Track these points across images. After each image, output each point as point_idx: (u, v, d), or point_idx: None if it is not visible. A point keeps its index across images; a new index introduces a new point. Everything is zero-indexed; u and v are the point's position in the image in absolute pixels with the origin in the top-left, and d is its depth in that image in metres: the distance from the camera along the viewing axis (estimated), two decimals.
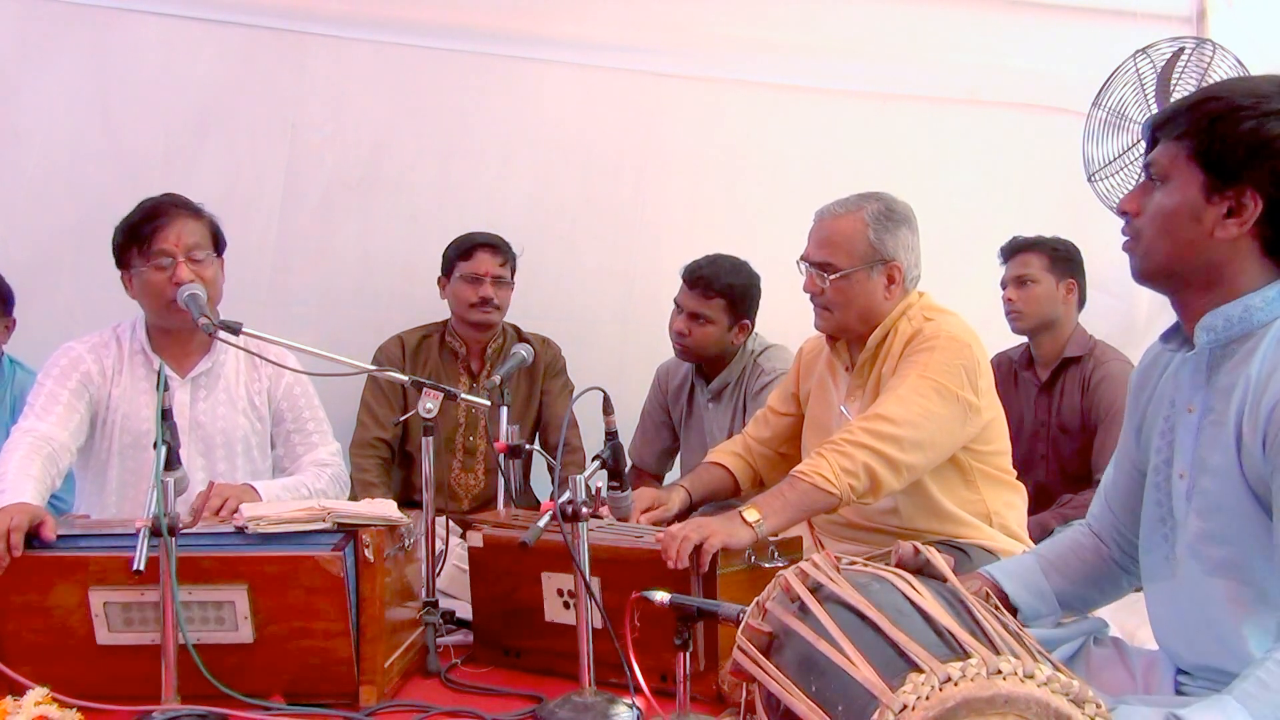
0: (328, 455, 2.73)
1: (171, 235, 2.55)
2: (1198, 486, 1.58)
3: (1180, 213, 1.56)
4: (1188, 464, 1.60)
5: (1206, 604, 1.58)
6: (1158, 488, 1.67)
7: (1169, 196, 1.57)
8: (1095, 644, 1.82)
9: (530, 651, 2.22)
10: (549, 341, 3.69)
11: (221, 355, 2.68)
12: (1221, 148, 1.52)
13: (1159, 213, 1.58)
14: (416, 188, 3.89)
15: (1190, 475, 1.60)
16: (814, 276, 2.56)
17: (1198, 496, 1.58)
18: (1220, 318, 1.55)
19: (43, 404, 2.51)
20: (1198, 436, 1.59)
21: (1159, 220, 1.58)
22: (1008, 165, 4.17)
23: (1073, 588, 1.84)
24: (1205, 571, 1.57)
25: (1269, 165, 1.49)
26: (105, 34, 3.62)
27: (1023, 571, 1.85)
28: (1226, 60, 3.55)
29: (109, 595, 1.97)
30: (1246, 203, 1.51)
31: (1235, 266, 1.54)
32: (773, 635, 1.51)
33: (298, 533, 2.02)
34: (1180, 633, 1.65)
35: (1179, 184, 1.56)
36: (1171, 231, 1.57)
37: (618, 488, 2.20)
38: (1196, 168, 1.54)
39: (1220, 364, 1.58)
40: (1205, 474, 1.57)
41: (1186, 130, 1.55)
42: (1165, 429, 1.66)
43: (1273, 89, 1.52)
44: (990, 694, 1.24)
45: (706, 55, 4.01)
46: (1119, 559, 1.84)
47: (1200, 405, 1.60)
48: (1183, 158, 1.56)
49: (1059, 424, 3.53)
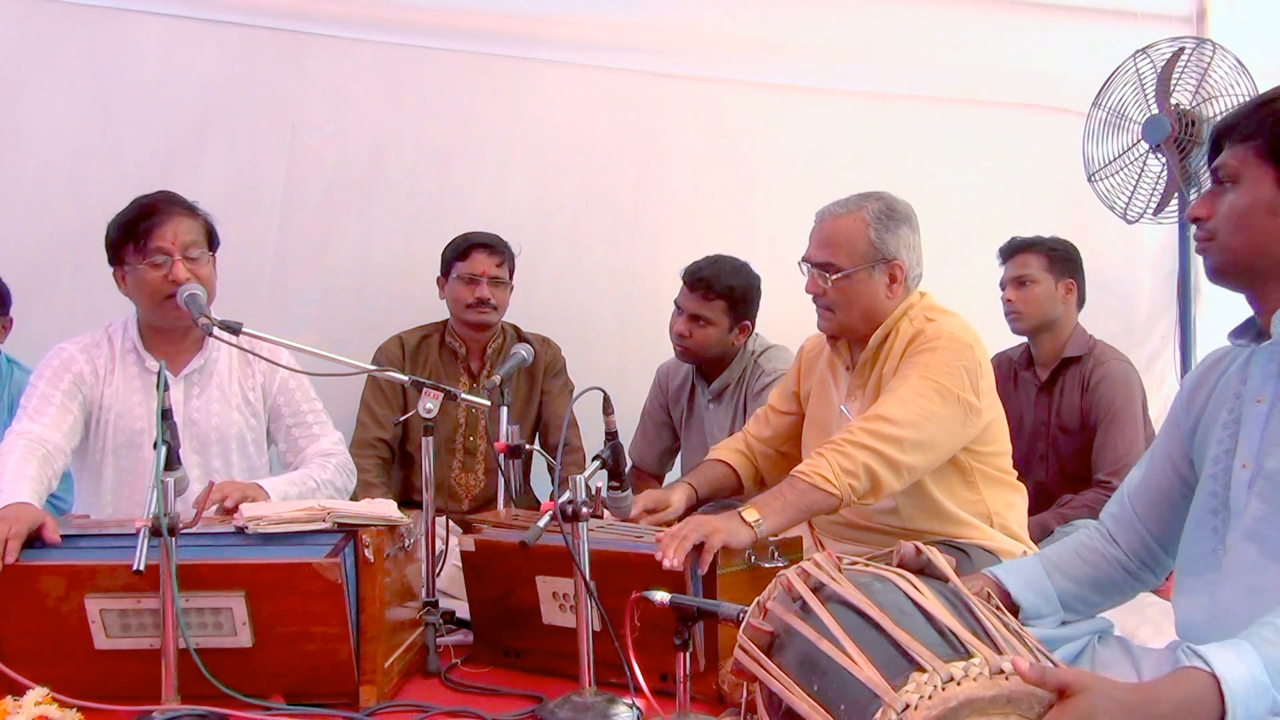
0: (330, 444, 2.73)
1: (168, 233, 2.54)
2: (1263, 471, 1.59)
3: (1256, 208, 1.59)
4: (1253, 453, 1.62)
5: (1257, 589, 1.57)
6: (1214, 479, 1.68)
7: (1243, 195, 1.60)
8: (1100, 643, 1.82)
9: (530, 652, 2.22)
10: (549, 341, 3.69)
11: (214, 352, 2.68)
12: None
13: (1234, 211, 1.61)
14: (416, 188, 3.90)
15: (1254, 463, 1.61)
16: (816, 277, 2.56)
17: (1262, 481, 1.59)
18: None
19: (36, 406, 2.49)
20: (1266, 426, 1.61)
21: (1235, 218, 1.61)
22: (1008, 165, 4.18)
23: (1076, 589, 1.84)
24: (1262, 554, 1.58)
25: None
26: (105, 34, 3.62)
27: (1026, 572, 1.85)
28: (1226, 60, 3.55)
29: (105, 603, 1.95)
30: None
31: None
32: (774, 635, 1.50)
33: (297, 533, 2.02)
34: (1217, 625, 1.64)
35: (1251, 182, 1.59)
36: (1248, 227, 1.60)
37: (618, 488, 2.20)
38: (1268, 164, 1.57)
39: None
40: (1272, 461, 1.58)
41: (1254, 131, 1.59)
42: (1228, 421, 1.68)
43: None
44: (993, 693, 1.24)
45: (706, 55, 4.01)
46: (1128, 563, 1.84)
47: (1270, 395, 1.62)
48: (1252, 157, 1.59)
49: (1059, 424, 3.53)
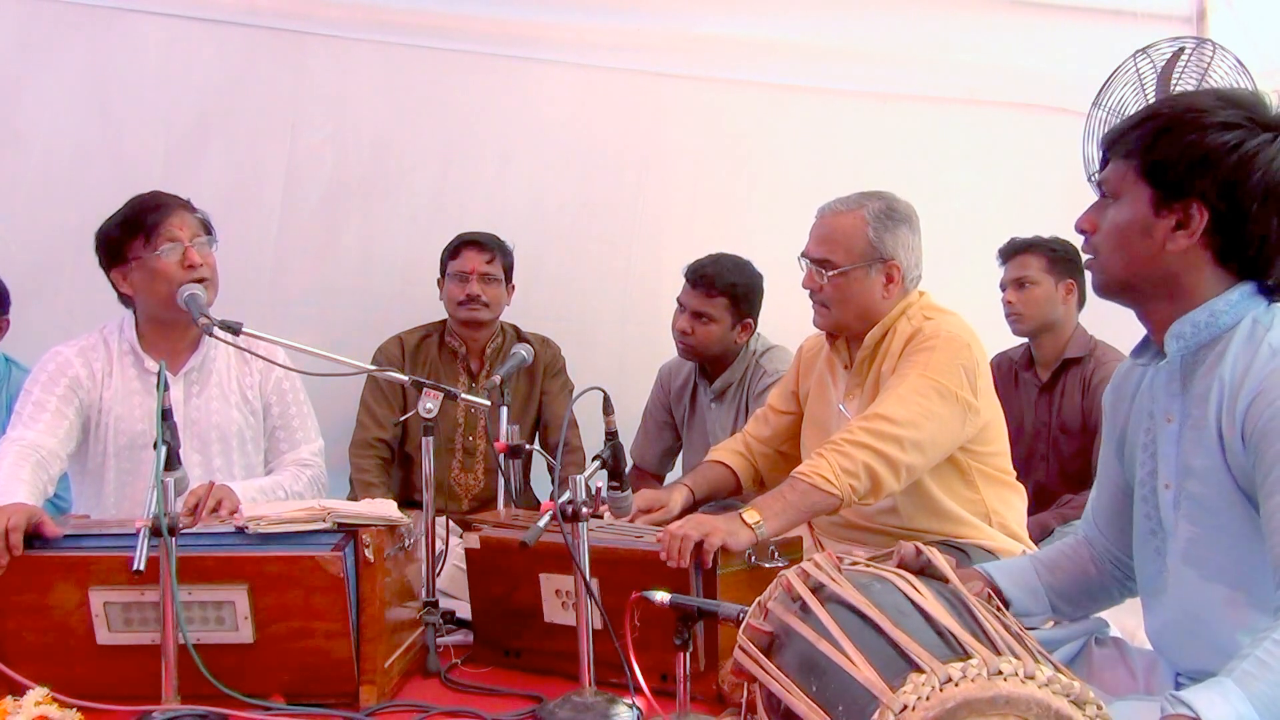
0: (309, 455, 2.72)
1: (175, 222, 2.56)
2: (1185, 493, 1.60)
3: (1132, 228, 1.59)
4: (1172, 474, 1.62)
5: (1202, 611, 1.59)
6: (1145, 500, 1.69)
7: (1120, 212, 1.61)
8: (1097, 644, 1.83)
9: (530, 651, 2.22)
10: (549, 341, 3.69)
11: (212, 350, 2.68)
12: (1166, 162, 1.55)
13: (1113, 229, 1.62)
14: (417, 188, 3.90)
15: (1175, 484, 1.62)
16: (813, 272, 2.56)
17: (1185, 503, 1.60)
18: (1188, 324, 1.58)
19: (30, 412, 2.48)
20: (1179, 445, 1.61)
21: (1113, 236, 1.62)
22: (1008, 165, 4.17)
23: (1065, 590, 1.85)
24: (1202, 577, 1.58)
25: (1211, 177, 1.53)
26: (105, 34, 3.61)
27: (1016, 570, 1.87)
28: (1226, 60, 3.55)
29: (109, 595, 1.96)
30: (1193, 214, 1.55)
31: (1192, 277, 1.58)
32: (774, 635, 1.51)
33: (298, 533, 2.02)
34: (1177, 643, 1.66)
35: (1129, 200, 1.60)
36: (1125, 246, 1.61)
37: (618, 488, 2.20)
38: (1144, 183, 1.58)
39: (1193, 371, 1.60)
40: (1191, 479, 1.59)
41: (1133, 148, 1.59)
42: (1147, 442, 1.68)
43: (1212, 102, 1.56)
44: (991, 695, 1.24)
45: (706, 55, 4.01)
46: (1111, 572, 1.86)
47: (1179, 414, 1.62)
48: (1131, 174, 1.59)
49: (1059, 424, 3.53)
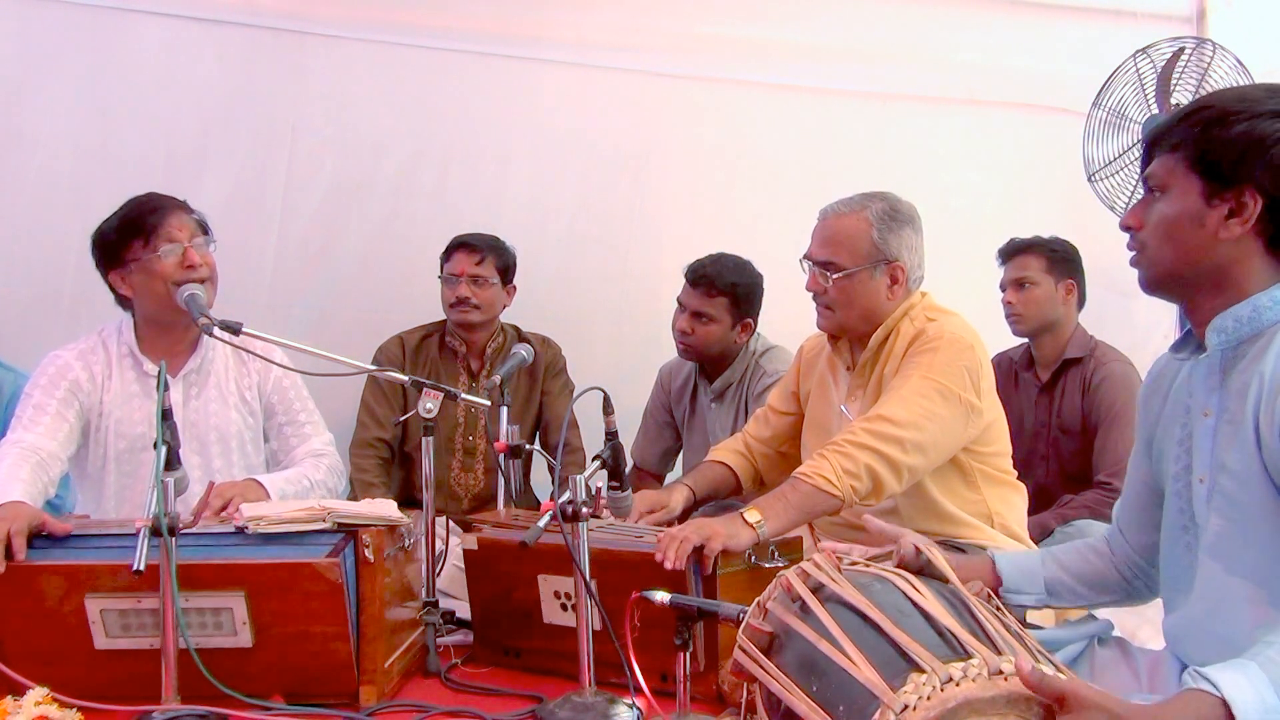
0: (321, 445, 2.73)
1: (174, 223, 2.56)
2: (1218, 488, 1.59)
3: (1183, 219, 1.59)
4: (1206, 467, 1.62)
5: (1223, 606, 1.58)
6: (1178, 495, 1.68)
7: (1170, 205, 1.60)
8: (1100, 645, 1.83)
9: (530, 652, 2.22)
10: (549, 341, 3.69)
11: (210, 351, 2.68)
12: (1217, 152, 1.55)
13: (1162, 221, 1.61)
14: (416, 189, 3.90)
15: (1210, 478, 1.61)
16: (817, 275, 2.56)
17: (1218, 497, 1.59)
18: (1230, 319, 1.58)
19: (30, 415, 2.48)
20: (1215, 439, 1.61)
21: (1162, 228, 1.61)
22: (1008, 165, 4.18)
23: (1067, 580, 1.86)
24: (1227, 571, 1.58)
25: (1264, 162, 1.52)
26: (106, 36, 3.61)
27: (1020, 556, 1.89)
28: (1226, 60, 3.55)
29: (105, 603, 1.95)
30: (1247, 202, 1.54)
31: (1242, 267, 1.57)
32: (774, 635, 1.51)
33: (297, 533, 2.02)
34: (1193, 638, 1.65)
35: (1179, 192, 1.59)
36: (1176, 238, 1.60)
37: (618, 488, 2.20)
38: (1194, 175, 1.57)
39: (1233, 365, 1.60)
40: (1224, 474, 1.58)
41: (1181, 140, 1.59)
42: (1183, 436, 1.68)
43: (1262, 94, 1.57)
44: (991, 694, 1.24)
45: (705, 55, 4.01)
46: (1124, 573, 1.87)
47: (1216, 408, 1.61)
48: (1181, 167, 1.59)
49: (1060, 424, 3.53)
